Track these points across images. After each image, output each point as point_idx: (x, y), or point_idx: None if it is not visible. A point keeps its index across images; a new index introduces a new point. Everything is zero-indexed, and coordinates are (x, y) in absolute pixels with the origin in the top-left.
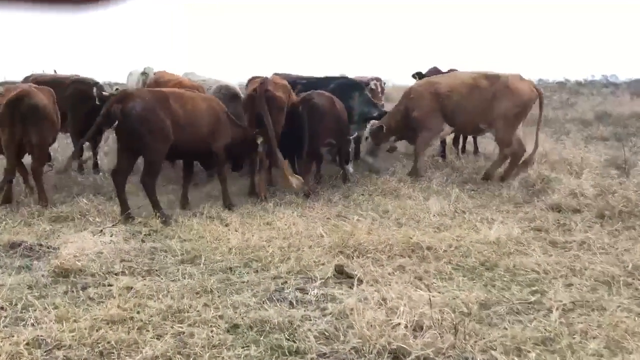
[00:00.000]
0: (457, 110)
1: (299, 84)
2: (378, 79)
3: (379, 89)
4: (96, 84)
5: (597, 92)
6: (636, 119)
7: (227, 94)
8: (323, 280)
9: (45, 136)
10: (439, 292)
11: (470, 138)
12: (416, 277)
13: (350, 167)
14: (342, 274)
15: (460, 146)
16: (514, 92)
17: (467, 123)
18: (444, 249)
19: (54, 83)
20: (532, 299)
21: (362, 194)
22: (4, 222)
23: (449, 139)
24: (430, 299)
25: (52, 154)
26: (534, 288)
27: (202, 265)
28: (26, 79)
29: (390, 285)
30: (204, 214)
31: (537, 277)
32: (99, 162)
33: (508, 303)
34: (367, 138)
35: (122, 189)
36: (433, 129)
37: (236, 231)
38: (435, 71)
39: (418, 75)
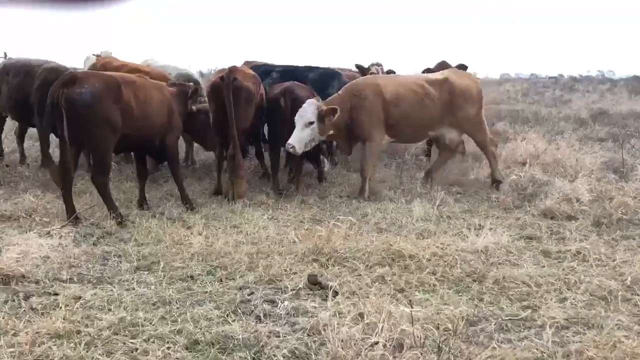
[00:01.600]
0: (404, 120)
1: (273, 71)
2: (379, 64)
3: (380, 74)
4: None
5: (593, 89)
6: (635, 119)
7: (186, 81)
8: (294, 292)
9: None
10: (422, 307)
11: None
12: (397, 289)
13: (326, 165)
14: (315, 285)
15: None
16: (464, 92)
17: (415, 133)
18: (427, 258)
19: (23, 69)
20: (523, 314)
21: (340, 196)
22: None
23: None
24: (412, 314)
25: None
26: (525, 303)
27: (160, 272)
28: None
29: (368, 298)
30: (164, 214)
31: (529, 290)
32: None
33: (497, 319)
34: (311, 123)
35: (69, 188)
36: (378, 141)
37: (199, 235)
38: (443, 66)
39: (426, 72)
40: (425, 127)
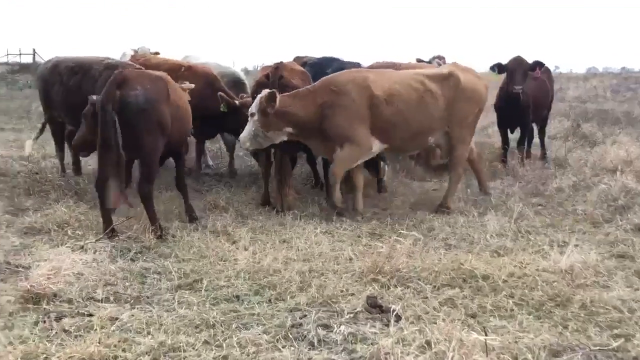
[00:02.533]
0: (399, 123)
1: (307, 64)
2: (441, 57)
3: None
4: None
5: None
6: None
7: (229, 81)
8: (352, 315)
9: None
10: (497, 334)
11: (536, 139)
12: (468, 314)
13: (384, 173)
14: (375, 308)
15: (525, 149)
16: (472, 90)
17: (413, 139)
18: (503, 278)
19: (80, 69)
20: (614, 344)
21: (401, 207)
22: None
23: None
24: (486, 342)
25: None
26: (616, 331)
27: (203, 292)
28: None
29: (435, 323)
30: (207, 227)
31: (621, 316)
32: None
33: (584, 349)
34: (252, 115)
35: (107, 199)
36: (363, 144)
37: (245, 250)
38: (519, 62)
39: (497, 68)
40: (425, 132)
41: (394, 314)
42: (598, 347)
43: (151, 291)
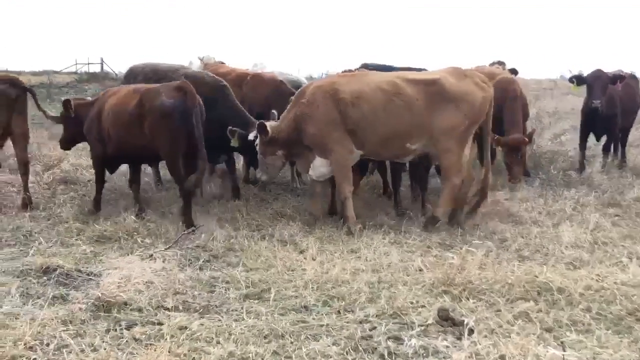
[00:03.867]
0: (367, 127)
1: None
2: (501, 63)
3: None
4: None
5: None
6: None
7: (292, 87)
8: (422, 328)
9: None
10: (574, 350)
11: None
12: (544, 328)
13: None
14: (447, 321)
15: (610, 155)
16: (459, 97)
17: (385, 144)
18: (580, 291)
19: (154, 75)
20: None
21: (473, 217)
22: (36, 242)
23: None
24: (564, 358)
25: None
26: None
27: (271, 301)
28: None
29: (510, 337)
30: (275, 236)
31: None
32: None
33: None
34: (256, 147)
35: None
36: (342, 152)
37: (313, 260)
38: (596, 76)
39: (576, 79)
40: (398, 137)
41: (467, 327)
42: None
43: (220, 300)
